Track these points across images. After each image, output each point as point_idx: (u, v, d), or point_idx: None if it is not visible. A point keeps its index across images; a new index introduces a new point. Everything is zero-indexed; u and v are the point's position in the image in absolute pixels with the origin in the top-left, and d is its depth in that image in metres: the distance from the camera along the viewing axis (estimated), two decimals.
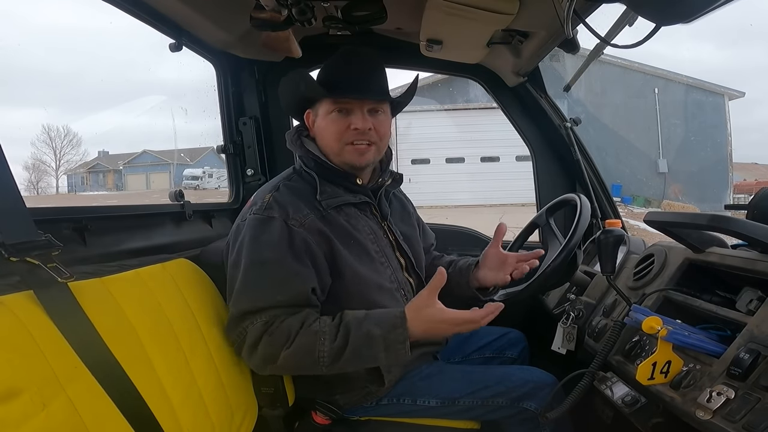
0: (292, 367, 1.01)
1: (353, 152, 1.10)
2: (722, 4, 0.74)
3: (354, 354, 0.97)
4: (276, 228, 1.02)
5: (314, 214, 1.06)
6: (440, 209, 11.49)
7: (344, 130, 1.08)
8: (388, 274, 1.15)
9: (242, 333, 1.00)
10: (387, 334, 0.97)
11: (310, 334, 0.98)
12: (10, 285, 0.68)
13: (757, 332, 0.80)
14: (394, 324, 0.97)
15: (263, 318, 0.99)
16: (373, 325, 0.98)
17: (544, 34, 1.40)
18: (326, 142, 1.11)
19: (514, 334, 1.44)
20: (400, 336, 0.97)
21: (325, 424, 1.15)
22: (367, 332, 0.97)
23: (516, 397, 1.12)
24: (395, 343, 0.97)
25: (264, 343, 0.98)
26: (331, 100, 1.09)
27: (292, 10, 1.19)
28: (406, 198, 1.36)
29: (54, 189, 25.11)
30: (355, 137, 1.09)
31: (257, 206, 1.07)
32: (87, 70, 48.48)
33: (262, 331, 0.98)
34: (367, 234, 1.14)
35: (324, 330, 0.98)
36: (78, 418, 0.67)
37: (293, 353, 0.97)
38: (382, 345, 0.97)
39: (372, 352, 0.97)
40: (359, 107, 1.09)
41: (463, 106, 13.33)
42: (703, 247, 1.06)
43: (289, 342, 0.97)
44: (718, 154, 14.20)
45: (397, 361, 1.00)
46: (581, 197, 1.28)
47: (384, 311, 1.02)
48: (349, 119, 1.09)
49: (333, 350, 0.97)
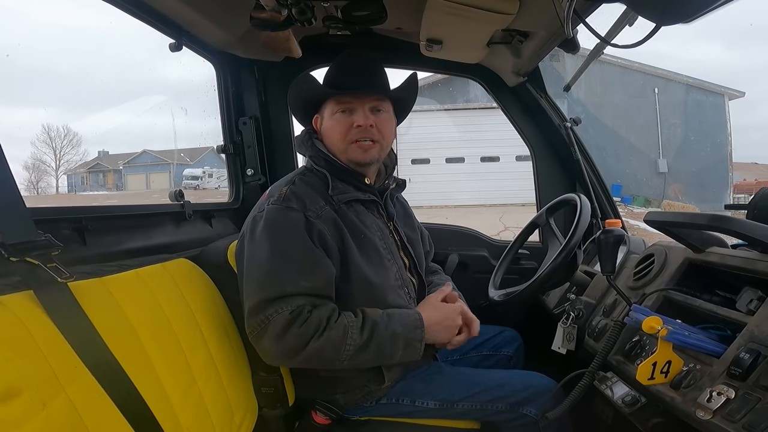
0: (315, 359, 1.02)
1: (357, 149, 1.14)
2: (722, 4, 0.74)
3: (377, 349, 1.03)
4: (295, 217, 1.05)
5: (329, 207, 1.09)
6: (440, 209, 11.50)
7: (348, 129, 1.13)
8: (393, 272, 1.17)
9: (265, 321, 1.00)
10: (408, 333, 1.05)
11: (339, 327, 1.01)
12: (10, 285, 0.68)
13: (758, 332, 0.80)
14: (415, 325, 1.07)
15: (289, 307, 1.00)
16: (398, 324, 1.05)
17: (544, 34, 1.40)
18: (332, 142, 1.15)
19: (510, 332, 1.47)
20: (419, 335, 1.06)
21: (325, 424, 1.15)
22: (393, 331, 1.04)
23: (515, 402, 1.12)
24: (413, 341, 1.06)
25: (294, 334, 0.98)
26: (334, 101, 1.14)
27: (292, 10, 1.19)
28: (407, 203, 1.40)
29: (54, 189, 25.10)
30: (359, 135, 1.13)
31: (275, 198, 1.08)
32: (87, 70, 48.47)
33: (290, 320, 0.99)
34: (375, 231, 1.16)
35: (351, 324, 1.02)
36: (78, 418, 0.67)
37: (322, 345, 0.99)
38: (402, 343, 1.05)
39: (393, 349, 1.04)
40: (361, 106, 1.13)
41: (463, 106, 13.32)
42: (703, 247, 1.06)
43: (318, 333, 0.99)
44: (718, 153, 14.20)
45: (411, 359, 1.07)
46: (581, 197, 1.28)
47: (403, 312, 1.09)
48: (352, 118, 1.13)
49: (358, 345, 1.01)
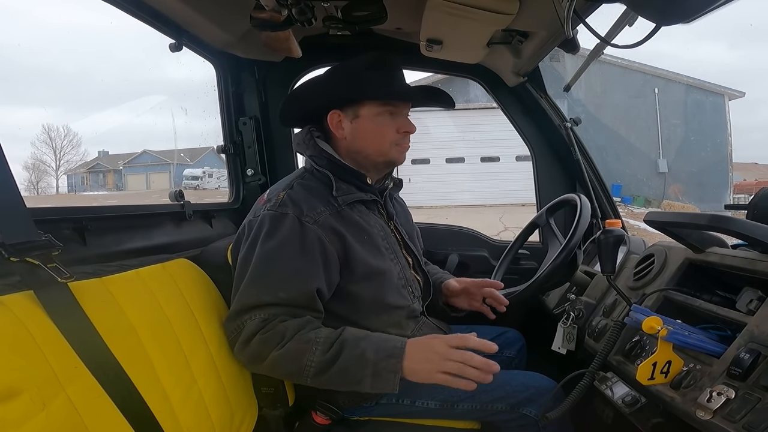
0: (278, 370, 0.99)
1: (399, 151, 1.16)
2: (722, 4, 0.74)
3: (341, 371, 0.94)
4: (288, 224, 1.03)
5: (328, 211, 1.08)
6: (440, 209, 11.51)
7: (393, 132, 1.14)
8: (397, 271, 1.17)
9: (239, 327, 1.00)
10: (380, 361, 0.93)
11: (303, 341, 0.96)
12: (10, 285, 0.68)
13: (758, 332, 0.80)
14: (391, 353, 0.94)
15: (262, 315, 0.99)
16: (371, 348, 0.95)
17: (544, 34, 1.40)
18: (372, 142, 1.14)
19: (512, 334, 1.46)
20: (391, 366, 0.93)
21: (325, 424, 1.15)
22: (361, 353, 0.94)
23: (516, 403, 1.12)
24: (385, 371, 0.93)
25: (257, 341, 0.97)
26: (380, 103, 1.13)
27: (292, 10, 1.19)
28: (404, 202, 1.39)
29: (54, 189, 25.13)
30: (403, 138, 1.16)
31: (271, 203, 1.07)
32: (88, 70, 48.52)
33: (258, 328, 0.98)
34: (378, 231, 1.16)
35: (318, 340, 0.96)
36: (78, 418, 0.67)
37: (282, 357, 0.95)
38: (371, 370, 0.93)
39: (360, 374, 0.93)
40: (402, 111, 1.15)
41: (463, 106, 13.30)
42: (703, 247, 1.06)
43: (281, 345, 0.96)
44: (718, 154, 14.21)
45: (383, 390, 0.95)
46: (581, 197, 1.28)
47: (386, 337, 0.99)
48: (396, 122, 1.14)
49: (321, 363, 0.94)
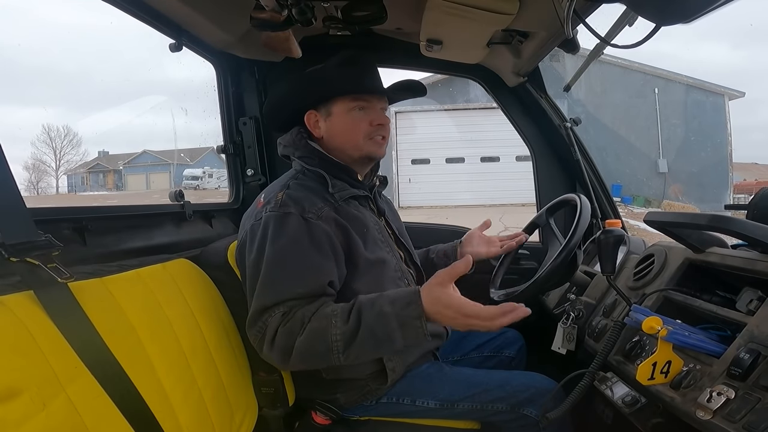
0: (308, 357, 0.97)
1: (374, 144, 1.17)
2: (722, 4, 0.74)
3: (369, 334, 0.93)
4: (294, 223, 1.04)
5: (328, 207, 1.09)
6: (440, 209, 11.51)
7: (366, 125, 1.15)
8: (393, 263, 1.18)
9: (262, 328, 0.99)
10: (400, 311, 0.93)
11: (322, 317, 0.96)
12: (10, 285, 0.68)
13: (757, 332, 0.80)
14: (408, 301, 0.93)
15: (281, 309, 0.99)
16: (386, 303, 0.94)
17: (544, 34, 1.40)
18: (346, 138, 1.16)
19: (512, 333, 1.46)
20: (413, 312, 0.92)
21: (325, 424, 1.15)
22: (380, 310, 0.94)
23: (516, 403, 1.12)
24: (410, 319, 0.92)
25: (280, 334, 0.97)
26: (350, 98, 1.14)
27: (292, 11, 1.19)
28: (390, 201, 1.40)
29: (54, 189, 25.13)
30: (376, 131, 1.16)
31: (271, 204, 1.07)
32: (88, 70, 48.50)
33: (279, 322, 0.98)
34: (373, 225, 1.17)
35: (336, 312, 0.96)
36: (78, 418, 0.67)
37: (306, 340, 0.95)
38: (395, 322, 0.92)
39: (387, 330, 0.93)
40: (375, 105, 1.17)
41: (463, 106, 13.32)
42: (703, 247, 1.06)
43: (303, 329, 0.95)
44: (718, 154, 14.19)
45: (416, 340, 0.94)
46: (581, 197, 1.28)
47: (397, 290, 1.00)
48: (369, 115, 1.15)
49: (346, 333, 0.94)
